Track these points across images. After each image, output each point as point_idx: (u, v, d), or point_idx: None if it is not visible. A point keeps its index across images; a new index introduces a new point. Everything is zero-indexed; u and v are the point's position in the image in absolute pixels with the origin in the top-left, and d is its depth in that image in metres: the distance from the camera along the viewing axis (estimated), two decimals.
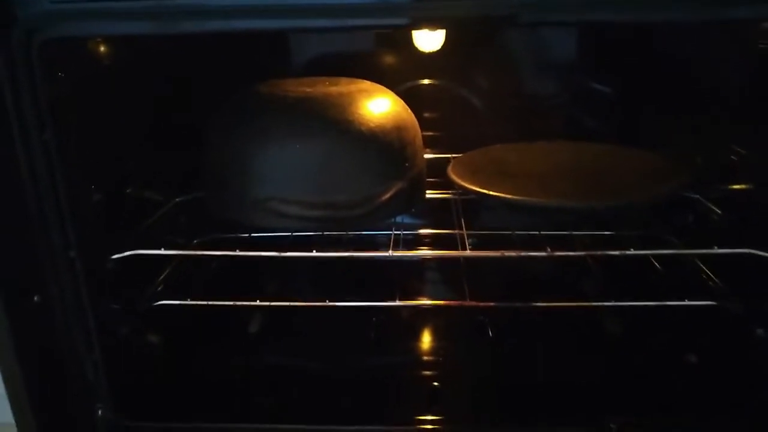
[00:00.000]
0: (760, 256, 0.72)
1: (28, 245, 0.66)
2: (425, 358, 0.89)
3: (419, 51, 0.97)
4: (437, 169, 0.92)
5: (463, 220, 0.89)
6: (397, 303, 0.86)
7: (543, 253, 0.78)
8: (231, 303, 0.84)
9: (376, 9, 0.60)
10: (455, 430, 0.76)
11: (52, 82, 0.62)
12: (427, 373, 0.85)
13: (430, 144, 0.95)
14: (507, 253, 0.79)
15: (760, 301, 0.75)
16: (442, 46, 0.95)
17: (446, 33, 0.93)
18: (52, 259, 0.67)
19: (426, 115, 1.04)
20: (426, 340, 0.93)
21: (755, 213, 0.77)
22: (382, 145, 0.78)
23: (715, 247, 0.77)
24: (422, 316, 0.96)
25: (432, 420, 0.75)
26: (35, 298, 0.67)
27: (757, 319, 0.75)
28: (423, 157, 0.86)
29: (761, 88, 0.74)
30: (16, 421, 0.71)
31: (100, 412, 0.74)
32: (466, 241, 0.84)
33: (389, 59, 1.06)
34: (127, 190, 0.82)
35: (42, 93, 0.61)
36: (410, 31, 0.91)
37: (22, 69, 0.59)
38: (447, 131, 1.07)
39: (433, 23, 0.70)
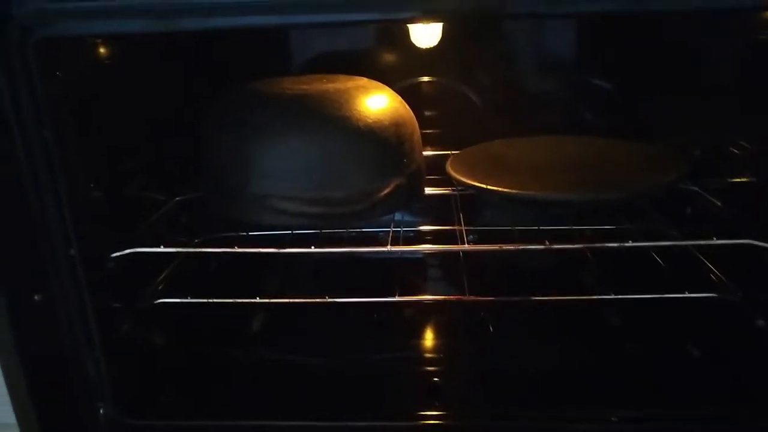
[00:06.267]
0: (760, 246, 0.72)
1: (29, 244, 0.66)
2: (426, 353, 0.89)
3: (417, 48, 0.97)
4: (437, 165, 0.92)
5: (462, 216, 0.89)
6: (397, 298, 0.86)
7: (541, 246, 0.78)
8: (232, 301, 0.85)
9: (377, 3, 0.60)
10: (455, 425, 0.75)
11: (50, 80, 0.63)
12: (428, 368, 0.86)
13: (429, 141, 0.95)
14: (505, 246, 0.79)
15: (760, 292, 0.75)
16: (440, 43, 0.95)
17: (443, 29, 0.93)
18: (53, 258, 0.67)
19: (425, 112, 1.04)
20: (426, 335, 0.93)
21: (755, 204, 0.77)
22: (380, 141, 0.78)
23: (714, 239, 0.77)
24: (422, 312, 0.96)
25: (432, 415, 0.75)
26: (36, 297, 0.67)
27: (758, 310, 0.75)
28: (421, 153, 0.86)
29: (761, 79, 0.74)
30: (19, 421, 0.71)
31: (102, 410, 0.74)
32: (466, 237, 0.84)
33: (387, 56, 1.07)
34: (128, 189, 0.82)
35: (40, 91, 0.61)
36: (408, 25, 0.92)
37: (19, 67, 0.60)
38: (446, 128, 1.07)
39: (430, 17, 0.70)
